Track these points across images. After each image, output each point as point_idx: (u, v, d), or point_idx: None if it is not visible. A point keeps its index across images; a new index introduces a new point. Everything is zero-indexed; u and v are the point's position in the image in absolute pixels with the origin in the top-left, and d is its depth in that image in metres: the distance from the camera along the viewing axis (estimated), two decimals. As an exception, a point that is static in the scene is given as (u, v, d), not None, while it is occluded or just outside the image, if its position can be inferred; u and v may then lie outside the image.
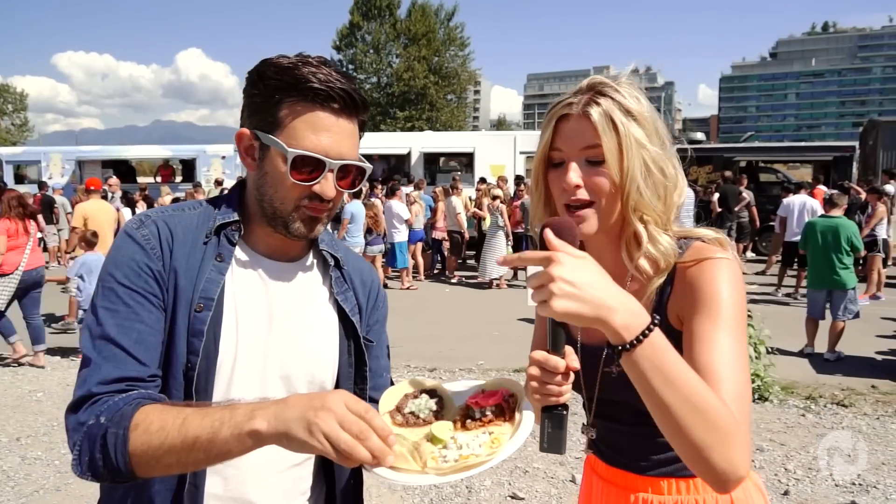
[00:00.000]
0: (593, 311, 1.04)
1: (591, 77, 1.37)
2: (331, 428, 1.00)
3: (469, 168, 20.07)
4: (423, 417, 1.20)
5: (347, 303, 1.48)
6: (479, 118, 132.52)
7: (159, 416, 1.12)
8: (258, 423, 1.04)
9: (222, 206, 1.41)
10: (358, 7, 47.69)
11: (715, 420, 1.07)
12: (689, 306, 1.28)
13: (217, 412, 1.09)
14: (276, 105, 1.30)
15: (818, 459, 5.09)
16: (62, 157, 21.59)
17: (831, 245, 7.83)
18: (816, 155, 19.23)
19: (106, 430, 1.12)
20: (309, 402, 1.04)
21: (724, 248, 1.34)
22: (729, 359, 1.18)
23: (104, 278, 1.28)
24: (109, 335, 1.22)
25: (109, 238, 9.11)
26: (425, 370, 7.56)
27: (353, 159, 1.34)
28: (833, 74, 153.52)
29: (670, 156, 1.36)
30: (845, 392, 6.66)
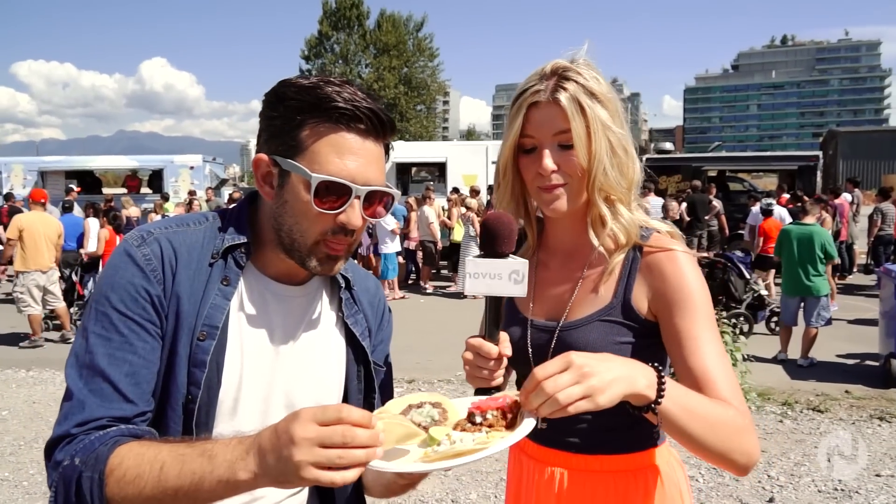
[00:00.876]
0: (626, 387, 1.09)
1: (554, 61, 1.39)
2: (314, 456, 0.93)
3: (441, 178, 20.08)
4: (425, 425, 1.15)
5: (357, 326, 1.41)
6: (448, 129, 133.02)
7: (135, 461, 1.05)
8: (242, 475, 0.99)
9: (231, 224, 1.30)
10: (327, 17, 47.61)
11: (731, 428, 1.20)
12: (666, 303, 1.36)
13: (196, 460, 1.02)
14: (297, 127, 1.20)
15: (799, 465, 5.12)
16: (24, 168, 21.05)
17: (805, 252, 7.94)
18: (782, 164, 19.65)
19: (80, 473, 1.06)
20: (278, 439, 0.96)
21: (677, 240, 1.43)
22: (716, 355, 1.30)
23: (98, 300, 1.18)
24: (98, 366, 1.13)
25: (44, 251, 8.90)
26: (403, 381, 7.47)
27: (380, 185, 1.24)
28: (793, 86, 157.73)
29: (630, 136, 1.42)
30: (820, 398, 6.74)
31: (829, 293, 8.27)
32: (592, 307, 1.43)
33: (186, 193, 18.26)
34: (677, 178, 18.47)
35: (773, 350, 8.31)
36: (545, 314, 1.50)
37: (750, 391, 6.56)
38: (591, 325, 1.42)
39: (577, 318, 1.44)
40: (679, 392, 1.17)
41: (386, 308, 1.55)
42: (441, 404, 1.20)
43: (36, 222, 8.99)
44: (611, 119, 1.37)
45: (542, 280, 1.54)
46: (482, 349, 1.23)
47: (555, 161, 1.37)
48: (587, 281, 1.45)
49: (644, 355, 1.36)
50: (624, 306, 1.40)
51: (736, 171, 20.21)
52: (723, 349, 1.33)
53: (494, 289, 1.20)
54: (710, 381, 1.26)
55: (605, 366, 1.08)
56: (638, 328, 1.40)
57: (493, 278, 1.20)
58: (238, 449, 1.01)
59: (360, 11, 47.60)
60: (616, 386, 1.07)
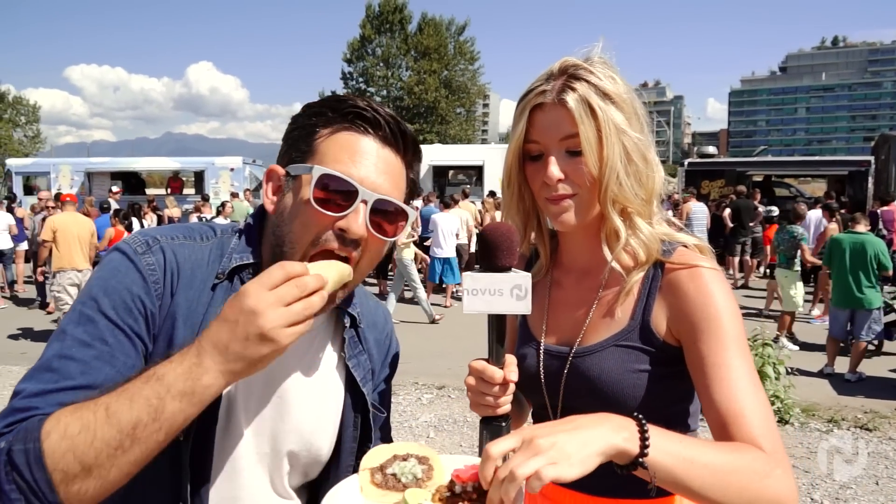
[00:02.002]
0: (603, 445, 0.93)
1: (563, 59, 1.27)
2: (283, 316, 0.92)
3: (478, 181, 19.98)
4: (405, 482, 1.05)
5: (359, 369, 1.30)
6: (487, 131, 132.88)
7: (73, 415, 0.91)
8: (206, 378, 0.92)
9: (240, 242, 1.19)
10: (369, 21, 47.96)
11: (747, 475, 1.01)
12: (689, 327, 1.21)
13: (143, 388, 0.91)
14: (312, 131, 1.13)
15: (845, 488, 4.86)
16: (71, 169, 21.65)
17: (857, 262, 7.61)
18: (831, 169, 19.05)
19: (10, 450, 0.89)
20: (235, 322, 0.92)
21: (706, 256, 1.29)
22: (746, 386, 1.14)
23: (86, 302, 1.05)
24: (70, 373, 0.99)
25: (77, 252, 9.10)
26: (433, 387, 7.37)
27: (395, 197, 1.13)
28: (843, 89, 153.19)
29: (650, 141, 1.28)
30: (868, 415, 6.43)
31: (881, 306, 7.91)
32: (608, 331, 1.31)
33: (228, 195, 18.49)
34: (720, 182, 18.05)
35: (819, 363, 7.97)
36: (558, 339, 1.38)
37: (793, 407, 6.29)
38: (606, 350, 1.29)
39: (592, 344, 1.32)
40: (670, 441, 0.99)
41: (393, 344, 1.44)
42: (428, 460, 1.10)
43: (69, 223, 9.23)
44: (627, 122, 1.23)
45: (555, 301, 1.42)
46: (485, 373, 1.13)
47: (562, 169, 1.24)
48: (603, 302, 1.33)
49: (666, 385, 1.25)
50: (642, 330, 1.27)
51: (782, 176, 19.66)
52: (756, 379, 1.16)
53: (495, 306, 1.09)
54: (738, 415, 1.10)
55: (567, 432, 0.91)
56: (658, 354, 1.26)
57: (494, 294, 1.09)
58: (187, 359, 0.93)
59: (404, 16, 47.82)
60: (585, 450, 0.90)
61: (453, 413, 6.58)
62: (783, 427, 6.08)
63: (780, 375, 6.29)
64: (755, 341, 6.24)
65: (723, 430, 1.11)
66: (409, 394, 7.08)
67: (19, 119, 57.26)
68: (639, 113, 1.27)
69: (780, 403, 6.17)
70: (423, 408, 6.73)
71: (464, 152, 23.84)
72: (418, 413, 6.53)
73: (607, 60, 1.28)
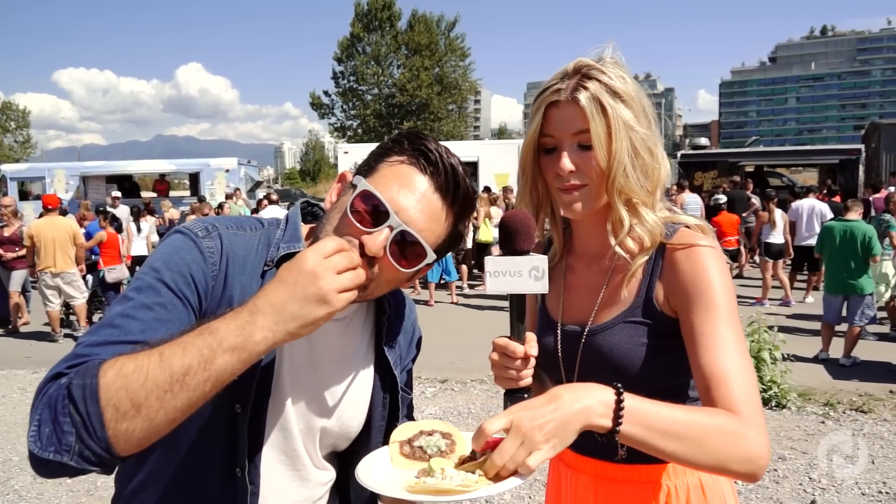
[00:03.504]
0: (581, 423, 1.06)
1: (578, 59, 1.36)
2: (336, 282, 1.02)
3: (473, 177, 20.03)
4: (430, 454, 1.16)
5: (392, 353, 1.40)
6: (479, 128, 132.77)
7: (131, 358, 0.96)
8: (258, 334, 0.98)
9: (286, 232, 1.28)
10: (359, 19, 47.83)
11: (719, 438, 1.12)
12: (684, 299, 1.31)
13: (197, 339, 0.97)
14: (385, 154, 1.22)
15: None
16: (66, 173, 21.63)
17: (848, 249, 7.74)
18: (823, 158, 19.20)
19: (70, 384, 0.94)
20: (294, 285, 1.01)
21: (707, 235, 1.37)
22: (732, 354, 1.23)
23: (148, 272, 1.12)
24: (130, 329, 1.05)
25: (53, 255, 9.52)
26: (436, 381, 7.48)
27: (424, 237, 1.17)
28: (833, 78, 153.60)
29: (657, 136, 1.38)
30: (863, 398, 6.56)
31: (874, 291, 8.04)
32: (617, 309, 1.42)
33: (223, 196, 18.54)
34: (713, 173, 18.17)
35: (815, 349, 8.11)
36: (573, 319, 1.49)
37: (790, 391, 6.42)
38: (615, 327, 1.41)
39: (603, 322, 1.43)
40: (645, 414, 1.09)
41: (417, 330, 1.54)
42: (451, 436, 1.20)
43: (45, 227, 9.66)
44: (635, 119, 1.33)
45: (569, 284, 1.53)
46: (507, 348, 1.22)
47: (573, 161, 1.34)
48: (612, 283, 1.44)
49: (671, 356, 1.36)
50: (646, 306, 1.38)
51: (774, 165, 19.80)
52: (743, 349, 1.25)
53: (515, 286, 1.20)
54: (721, 379, 1.20)
55: (549, 415, 1.03)
56: (661, 327, 1.37)
57: (514, 276, 1.19)
58: (240, 316, 0.99)
59: (392, 12, 47.70)
60: (564, 429, 1.04)
61: (457, 405, 6.69)
62: (781, 411, 6.22)
63: (777, 361, 6.42)
64: (750, 325, 6.36)
65: (706, 394, 1.22)
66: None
67: (9, 124, 56.98)
68: (646, 110, 1.36)
69: (777, 388, 6.30)
70: (428, 401, 6.84)
71: (458, 148, 23.31)
72: (423, 406, 6.63)
73: (618, 61, 1.38)
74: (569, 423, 1.04)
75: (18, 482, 5.08)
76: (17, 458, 5.55)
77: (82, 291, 10.17)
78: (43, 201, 10.43)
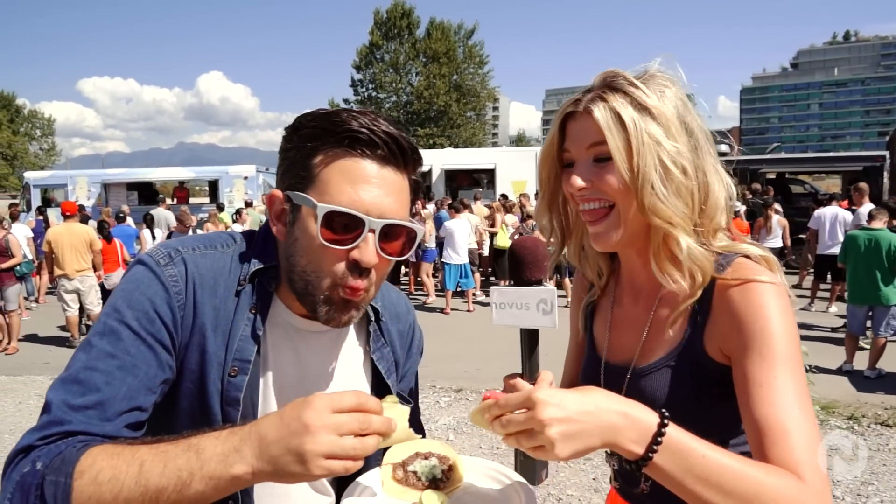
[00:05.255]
0: (600, 440, 0.95)
1: (606, 70, 1.27)
2: (329, 445, 0.88)
3: (491, 184, 19.99)
4: (424, 481, 1.09)
5: (383, 362, 1.33)
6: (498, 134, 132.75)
7: (110, 461, 0.93)
8: (238, 468, 0.91)
9: (258, 247, 1.22)
10: (378, 27, 48.14)
11: (775, 503, 0.94)
12: (737, 343, 1.15)
13: (181, 456, 0.92)
14: (309, 156, 1.12)
15: (867, 485, 4.85)
16: (88, 181, 21.89)
17: (873, 259, 7.55)
18: (846, 165, 18.85)
19: (43, 478, 0.92)
20: (286, 427, 0.90)
21: (771, 268, 1.21)
22: (792, 405, 1.06)
23: (110, 313, 1.09)
24: (94, 384, 1.03)
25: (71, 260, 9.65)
26: (451, 391, 7.41)
27: (400, 219, 1.13)
28: (856, 84, 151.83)
29: (703, 154, 1.24)
30: (889, 411, 6.38)
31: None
32: (661, 350, 1.29)
33: (242, 203, 18.64)
34: (734, 181, 17.91)
35: (839, 360, 7.92)
36: (618, 357, 1.38)
37: (813, 404, 6.24)
38: (659, 371, 1.28)
39: (647, 364, 1.30)
40: (689, 450, 0.96)
41: (416, 333, 1.47)
42: (449, 461, 1.13)
43: (62, 233, 9.80)
44: (664, 134, 1.20)
45: (616, 319, 1.42)
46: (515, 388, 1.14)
47: (587, 177, 1.24)
48: (656, 322, 1.31)
49: (720, 406, 1.21)
50: (694, 350, 1.24)
51: (796, 172, 19.49)
52: (806, 402, 1.07)
53: (522, 320, 1.13)
54: (780, 435, 1.02)
55: (575, 414, 0.93)
56: (710, 375, 1.22)
57: (521, 308, 1.13)
58: (230, 440, 0.93)
59: (411, 21, 47.97)
60: (586, 439, 0.94)
61: (472, 415, 6.61)
62: (803, 425, 6.05)
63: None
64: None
65: (761, 452, 1.05)
66: (426, 397, 7.12)
67: (35, 132, 58.01)
68: (690, 127, 1.24)
69: (799, 401, 6.15)
70: (442, 411, 6.77)
71: (475, 156, 23.83)
72: (437, 416, 6.57)
73: (665, 77, 1.26)
74: (591, 435, 0.94)
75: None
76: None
77: (99, 299, 10.24)
78: (62, 208, 10.57)
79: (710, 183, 1.24)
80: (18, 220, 14.08)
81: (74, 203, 11.26)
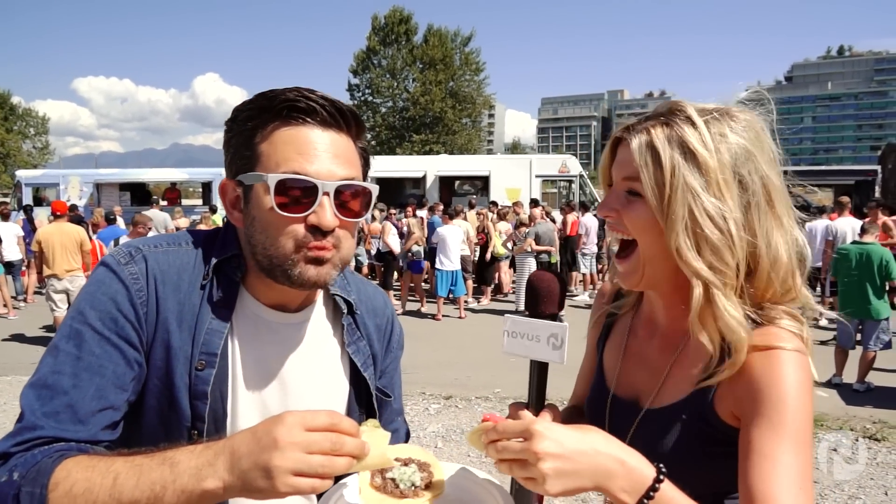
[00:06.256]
0: (591, 482, 0.96)
1: (674, 100, 1.19)
2: (296, 462, 0.88)
3: (484, 191, 20.02)
4: (402, 489, 1.06)
5: (359, 355, 1.32)
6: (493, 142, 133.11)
7: (84, 473, 0.94)
8: (209, 483, 0.90)
9: (219, 240, 1.22)
10: (375, 32, 48.26)
11: None
12: (749, 409, 1.11)
13: (155, 470, 0.92)
14: (250, 136, 1.13)
15: (854, 498, 4.85)
16: (80, 180, 21.82)
17: (865, 273, 7.58)
18: (838, 179, 19.02)
19: (19, 488, 0.94)
20: (257, 442, 0.90)
21: (795, 337, 1.13)
22: (792, 485, 1.03)
23: (74, 317, 1.10)
24: (62, 387, 1.04)
25: (61, 260, 9.61)
26: (440, 398, 7.38)
27: (351, 178, 1.13)
28: (849, 98, 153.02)
29: (759, 212, 1.14)
30: (877, 425, 6.41)
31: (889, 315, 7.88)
32: (674, 396, 1.23)
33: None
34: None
35: (828, 373, 7.94)
36: (627, 393, 1.33)
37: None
38: (673, 417, 1.22)
39: (662, 406, 1.25)
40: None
41: (395, 328, 1.46)
42: (429, 467, 1.11)
43: (53, 233, 9.81)
44: (704, 185, 1.10)
45: (630, 350, 1.37)
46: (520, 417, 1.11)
47: (615, 206, 1.19)
48: (678, 366, 1.25)
49: (722, 464, 1.17)
50: (704, 407, 1.18)
51: (789, 185, 19.61)
52: (807, 483, 1.05)
53: (532, 352, 1.14)
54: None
55: (572, 453, 0.94)
56: (717, 434, 1.17)
57: (532, 340, 1.13)
58: (205, 454, 0.93)
59: (409, 27, 48.13)
60: (577, 478, 0.94)
61: (461, 423, 6.58)
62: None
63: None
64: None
65: None
66: (416, 404, 7.09)
67: (28, 131, 57.76)
68: (745, 184, 1.14)
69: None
70: (431, 418, 6.74)
71: (470, 162, 23.91)
72: (426, 423, 6.54)
73: (741, 116, 1.17)
74: (584, 476, 0.94)
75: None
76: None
77: None
78: (52, 207, 10.52)
79: (764, 245, 1.15)
80: (10, 218, 13.97)
81: (65, 203, 11.18)
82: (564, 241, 13.99)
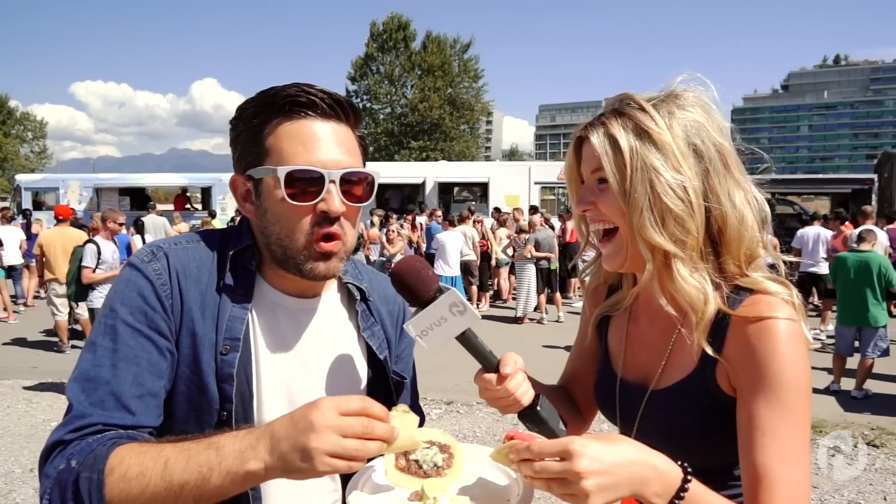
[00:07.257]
0: (629, 491, 1.00)
1: (620, 93, 1.29)
2: (332, 444, 0.95)
3: (483, 198, 20.07)
4: (426, 469, 1.13)
5: (374, 339, 1.39)
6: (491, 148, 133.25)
7: (137, 458, 1.02)
8: (252, 464, 0.97)
9: (234, 233, 1.31)
10: (374, 39, 48.30)
11: None
12: (746, 382, 1.15)
13: (202, 453, 1.00)
14: (258, 132, 1.21)
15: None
16: (80, 185, 21.82)
17: (863, 280, 7.65)
18: (834, 187, 19.12)
19: (78, 474, 1.01)
20: (294, 426, 0.97)
21: (784, 306, 1.17)
22: (787, 457, 1.09)
23: (106, 314, 1.19)
24: (103, 378, 1.13)
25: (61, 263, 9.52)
26: (441, 403, 7.42)
27: (355, 167, 1.23)
28: (846, 107, 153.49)
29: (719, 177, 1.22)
30: (875, 431, 6.46)
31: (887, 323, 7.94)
32: (678, 374, 1.29)
33: (235, 210, 18.62)
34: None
35: (826, 380, 8.00)
36: (634, 375, 1.39)
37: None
38: (676, 396, 1.28)
39: (665, 387, 1.31)
40: None
41: (407, 314, 1.51)
42: (450, 448, 1.17)
43: (55, 237, 9.86)
44: (664, 161, 1.18)
45: (632, 336, 1.43)
46: (483, 382, 1.21)
47: (590, 199, 1.28)
48: (678, 345, 1.30)
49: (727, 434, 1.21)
50: (707, 381, 1.23)
51: (785, 194, 19.71)
52: (804, 456, 1.10)
53: (450, 331, 1.16)
54: (767, 485, 1.08)
55: (611, 466, 0.97)
56: (721, 406, 1.22)
57: (440, 324, 1.16)
58: (248, 438, 0.99)
59: (408, 33, 48.18)
60: (617, 489, 0.98)
61: (462, 428, 6.62)
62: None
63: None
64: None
65: (753, 496, 1.11)
66: (418, 409, 7.12)
67: (26, 135, 57.70)
68: (700, 152, 1.22)
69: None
70: (433, 423, 6.77)
71: (469, 169, 23.98)
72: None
73: (685, 96, 1.26)
74: (623, 487, 0.99)
75: (20, 494, 5.06)
76: (20, 469, 5.53)
77: None
78: (55, 212, 10.52)
79: (729, 205, 1.22)
80: (11, 222, 13.97)
81: (68, 207, 11.17)
82: (563, 247, 14.05)
